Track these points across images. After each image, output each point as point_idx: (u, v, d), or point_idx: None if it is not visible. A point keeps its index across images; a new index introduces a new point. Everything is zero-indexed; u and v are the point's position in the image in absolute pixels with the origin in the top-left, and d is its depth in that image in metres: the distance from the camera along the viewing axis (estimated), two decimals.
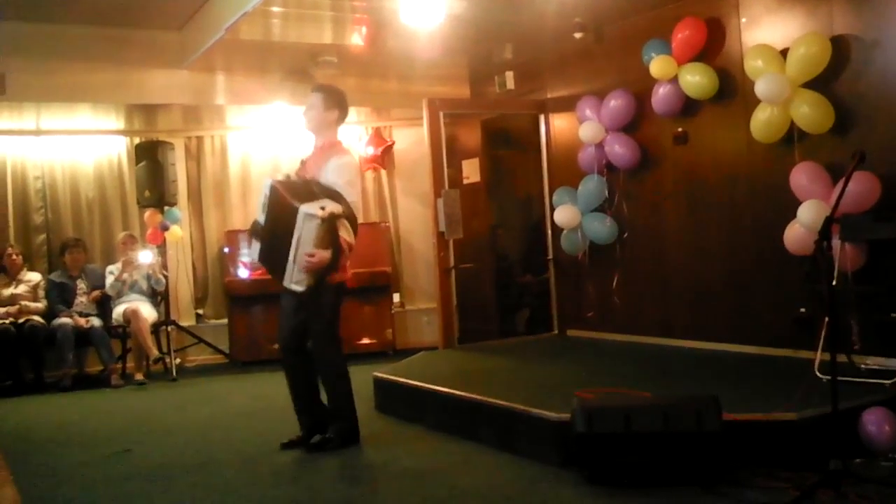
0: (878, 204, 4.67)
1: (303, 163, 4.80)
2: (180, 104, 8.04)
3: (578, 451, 3.83)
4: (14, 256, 7.70)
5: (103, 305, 7.89)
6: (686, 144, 6.19)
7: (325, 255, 4.29)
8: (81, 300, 7.79)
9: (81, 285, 7.85)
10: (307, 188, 4.46)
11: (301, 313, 4.61)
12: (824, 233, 3.65)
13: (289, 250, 4.28)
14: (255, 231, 4.64)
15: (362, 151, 8.94)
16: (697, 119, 6.08)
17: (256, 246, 4.66)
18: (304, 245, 4.25)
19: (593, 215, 6.82)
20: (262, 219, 4.56)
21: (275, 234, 4.46)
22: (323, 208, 4.25)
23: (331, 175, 4.53)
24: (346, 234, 4.41)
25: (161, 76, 7.34)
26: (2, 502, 4.09)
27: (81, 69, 7.05)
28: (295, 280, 4.33)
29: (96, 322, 7.62)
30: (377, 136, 9.01)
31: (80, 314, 7.65)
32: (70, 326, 7.43)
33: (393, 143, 9.05)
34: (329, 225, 4.27)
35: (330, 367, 4.66)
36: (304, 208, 4.24)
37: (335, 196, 4.42)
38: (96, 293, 7.87)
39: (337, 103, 4.75)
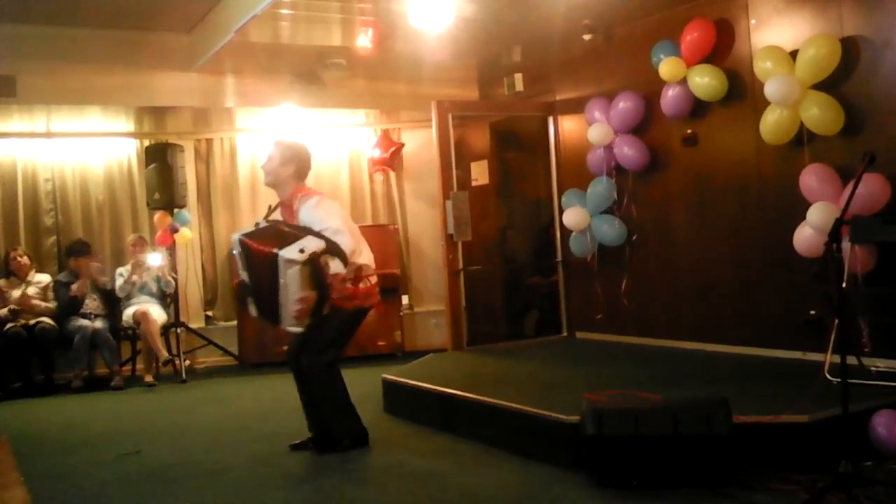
0: (887, 206, 4.67)
1: (280, 204, 4.72)
2: (190, 107, 8.07)
3: (588, 454, 3.83)
4: (19, 259, 7.67)
5: (113, 307, 7.90)
6: (695, 146, 6.18)
7: (313, 295, 4.24)
8: (94, 303, 7.78)
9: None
10: (275, 230, 4.42)
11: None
12: (834, 235, 3.63)
13: (277, 296, 4.24)
14: (245, 291, 4.63)
15: (371, 153, 8.96)
16: (706, 121, 6.07)
17: (251, 306, 4.57)
18: (291, 290, 4.19)
19: (602, 217, 6.82)
20: (245, 275, 4.52)
21: (262, 286, 4.41)
22: (302, 251, 4.16)
23: (307, 219, 4.46)
24: (335, 266, 4.35)
25: (171, 79, 7.37)
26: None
27: (91, 72, 7.08)
28: (289, 324, 4.31)
29: (100, 324, 7.63)
30: (386, 139, 9.00)
31: (88, 315, 7.66)
32: (89, 330, 7.45)
33: (402, 145, 9.03)
34: (311, 266, 4.21)
35: (316, 378, 4.64)
36: (283, 254, 4.16)
37: (311, 232, 4.34)
38: (95, 265, 7.78)
39: (292, 158, 4.63)
